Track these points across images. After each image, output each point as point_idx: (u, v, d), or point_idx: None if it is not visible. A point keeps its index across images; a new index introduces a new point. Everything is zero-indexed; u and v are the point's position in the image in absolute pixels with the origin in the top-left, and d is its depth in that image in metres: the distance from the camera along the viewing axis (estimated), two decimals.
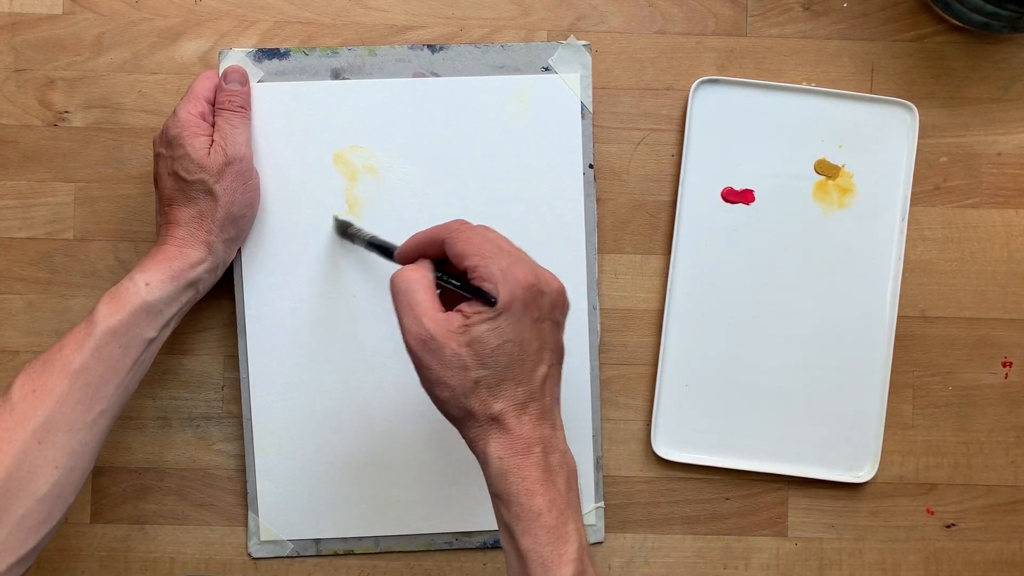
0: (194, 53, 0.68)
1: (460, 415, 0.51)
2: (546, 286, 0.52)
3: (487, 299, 0.50)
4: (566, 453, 0.52)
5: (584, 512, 0.67)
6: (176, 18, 0.68)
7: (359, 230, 0.64)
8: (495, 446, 0.51)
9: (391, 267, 0.66)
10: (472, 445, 0.52)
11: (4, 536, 0.52)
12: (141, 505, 0.69)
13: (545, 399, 0.52)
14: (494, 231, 0.54)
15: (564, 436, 0.53)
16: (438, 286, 0.53)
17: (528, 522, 0.49)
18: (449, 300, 0.53)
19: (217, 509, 0.69)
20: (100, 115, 0.68)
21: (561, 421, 0.53)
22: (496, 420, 0.51)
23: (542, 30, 0.69)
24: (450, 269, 0.53)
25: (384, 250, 0.60)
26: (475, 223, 0.55)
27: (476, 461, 0.52)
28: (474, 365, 0.50)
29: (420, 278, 0.52)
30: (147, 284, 0.58)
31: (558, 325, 0.53)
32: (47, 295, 0.68)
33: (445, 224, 0.54)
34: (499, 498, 0.51)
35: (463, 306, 0.51)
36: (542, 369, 0.52)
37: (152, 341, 0.59)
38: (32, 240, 0.68)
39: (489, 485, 0.51)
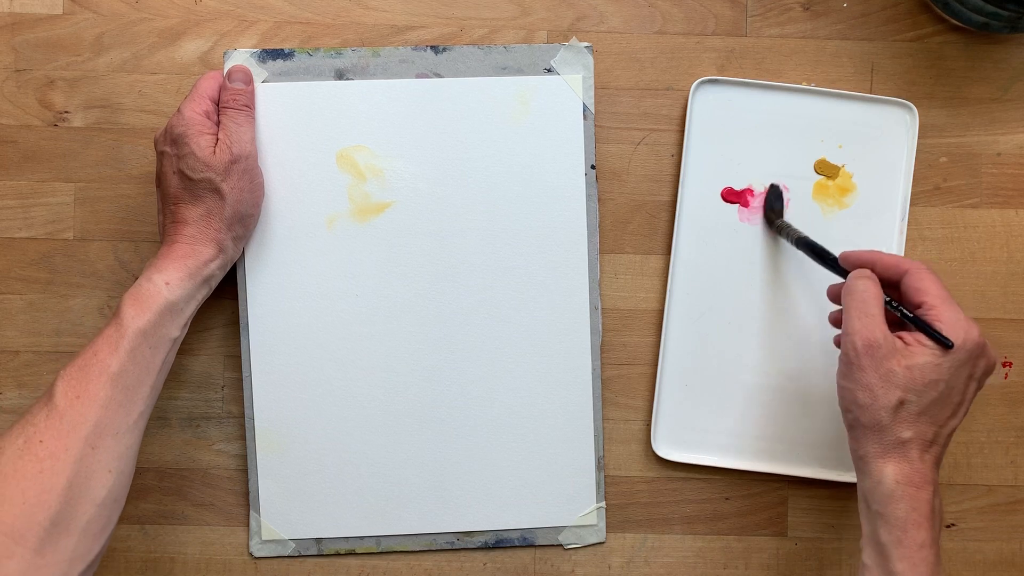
0: (194, 53, 0.68)
1: (869, 425, 0.54)
2: (988, 352, 0.55)
3: (942, 340, 0.53)
4: (942, 504, 0.56)
5: (586, 512, 0.68)
6: (176, 18, 0.68)
7: (788, 226, 0.66)
8: (894, 469, 0.53)
9: (392, 267, 0.66)
10: (864, 458, 0.55)
11: (74, 543, 0.52)
12: (141, 505, 0.69)
13: (943, 449, 0.55)
14: (938, 280, 0.57)
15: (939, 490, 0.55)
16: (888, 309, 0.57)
17: (910, 550, 0.52)
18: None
19: (217, 509, 0.69)
20: (100, 115, 0.68)
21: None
22: (903, 445, 0.54)
23: (542, 30, 0.69)
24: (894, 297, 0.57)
25: (816, 251, 0.62)
26: (481, 225, 0.55)
27: (477, 461, 0.51)
28: (905, 386, 0.53)
29: (879, 293, 0.56)
30: (167, 283, 0.59)
31: (980, 388, 0.56)
32: (47, 295, 0.68)
33: (906, 259, 0.58)
34: (883, 518, 0.53)
35: (904, 335, 0.55)
36: (954, 422, 0.55)
37: (175, 340, 0.60)
38: (32, 240, 0.68)
39: (871, 501, 0.54)
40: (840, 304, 0.59)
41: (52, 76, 0.68)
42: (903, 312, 0.56)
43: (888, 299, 0.56)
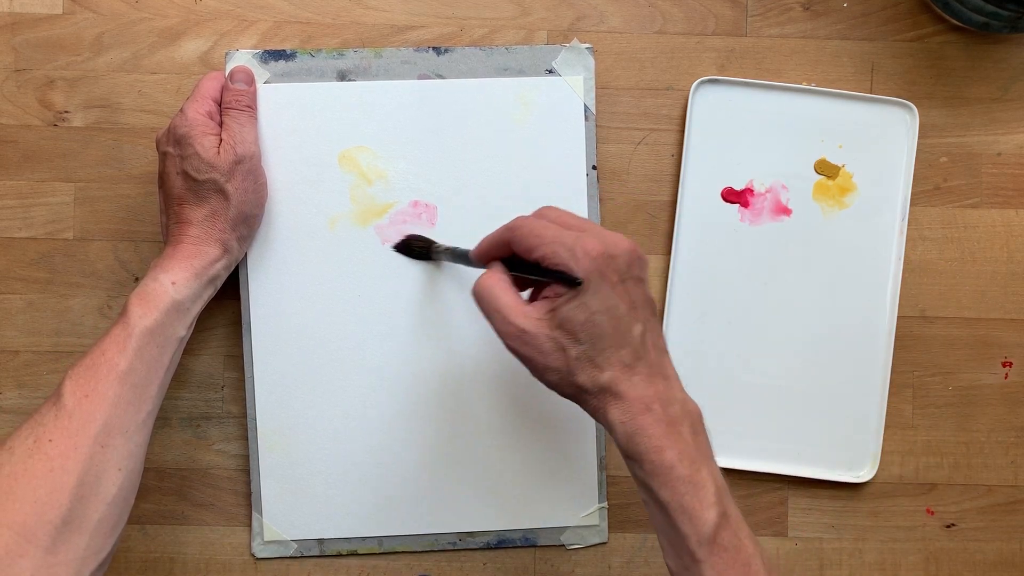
0: (194, 53, 0.68)
1: (574, 392, 0.52)
2: (615, 248, 0.52)
3: (572, 281, 0.50)
4: (685, 401, 0.53)
5: (588, 512, 0.68)
6: (176, 18, 0.68)
7: (439, 246, 0.65)
8: (615, 412, 0.51)
9: (394, 267, 0.66)
10: (595, 417, 0.53)
11: (86, 542, 0.52)
12: (141, 505, 0.69)
13: (649, 355, 0.52)
14: (553, 209, 0.55)
15: (680, 385, 0.54)
16: (521, 283, 0.55)
17: (663, 476, 0.50)
18: (539, 292, 0.54)
19: (217, 509, 0.69)
20: (100, 115, 0.68)
21: (674, 370, 0.54)
22: (608, 389, 0.51)
23: (542, 30, 0.69)
24: (523, 262, 0.54)
25: (465, 258, 0.60)
26: (482, 226, 0.54)
27: (479, 461, 0.51)
28: (570, 344, 0.51)
29: (497, 281, 0.54)
30: (173, 283, 0.59)
31: (640, 280, 0.53)
32: (47, 295, 0.68)
33: (506, 225, 0.55)
34: (631, 459, 0.52)
35: (547, 291, 0.53)
36: (638, 328, 0.52)
37: (181, 340, 0.60)
38: (32, 240, 0.68)
39: (620, 449, 0.52)
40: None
41: (52, 76, 0.68)
42: (532, 276, 0.53)
43: (515, 265, 0.54)
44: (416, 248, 0.67)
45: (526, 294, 0.56)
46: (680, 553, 0.51)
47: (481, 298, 0.54)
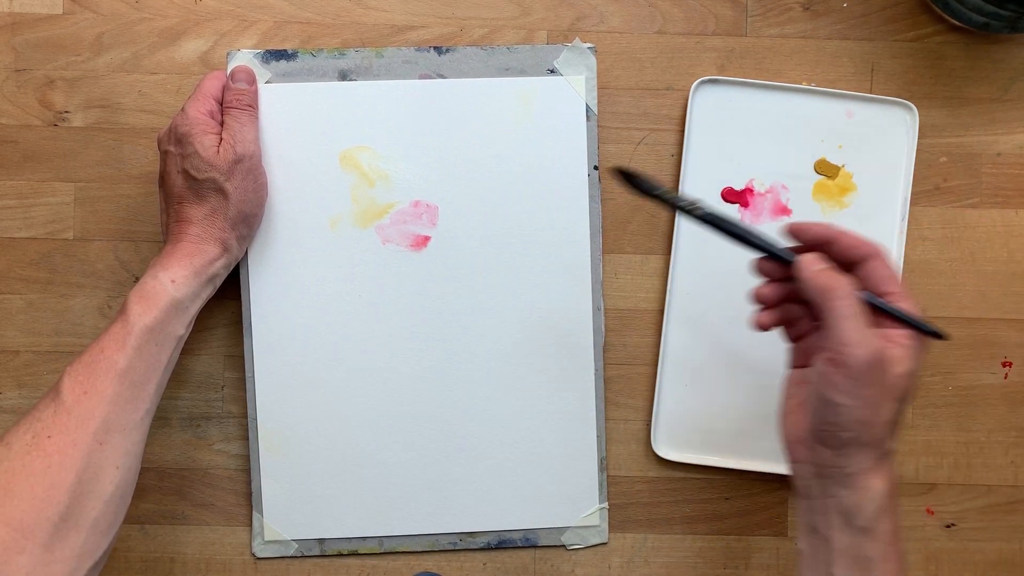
0: (194, 53, 0.68)
1: (866, 440, 0.49)
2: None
3: (938, 334, 0.48)
4: None
5: (588, 513, 0.68)
6: (176, 18, 0.68)
7: (692, 203, 0.53)
8: (881, 483, 0.49)
9: (394, 267, 0.66)
10: (852, 474, 0.49)
11: (83, 539, 0.52)
12: (141, 505, 0.69)
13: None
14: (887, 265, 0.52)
15: None
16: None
17: (894, 562, 0.49)
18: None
19: (217, 509, 0.69)
20: (100, 115, 0.68)
21: None
22: (887, 457, 0.50)
23: (542, 30, 0.69)
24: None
25: (729, 231, 0.53)
26: (483, 225, 0.53)
27: (480, 461, 0.50)
28: (900, 397, 0.49)
29: (850, 287, 0.49)
30: (173, 281, 0.59)
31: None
32: (47, 295, 0.68)
33: (870, 242, 0.51)
34: (870, 533, 0.49)
35: (890, 332, 0.50)
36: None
37: (180, 338, 0.60)
38: (32, 240, 0.68)
39: (855, 517, 0.49)
40: (773, 279, 0.54)
41: (52, 76, 0.68)
42: (889, 310, 0.50)
43: (869, 296, 0.50)
44: (637, 183, 0.55)
45: None
46: None
47: (849, 301, 0.48)
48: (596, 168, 0.67)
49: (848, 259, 0.51)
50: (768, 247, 0.52)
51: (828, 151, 0.69)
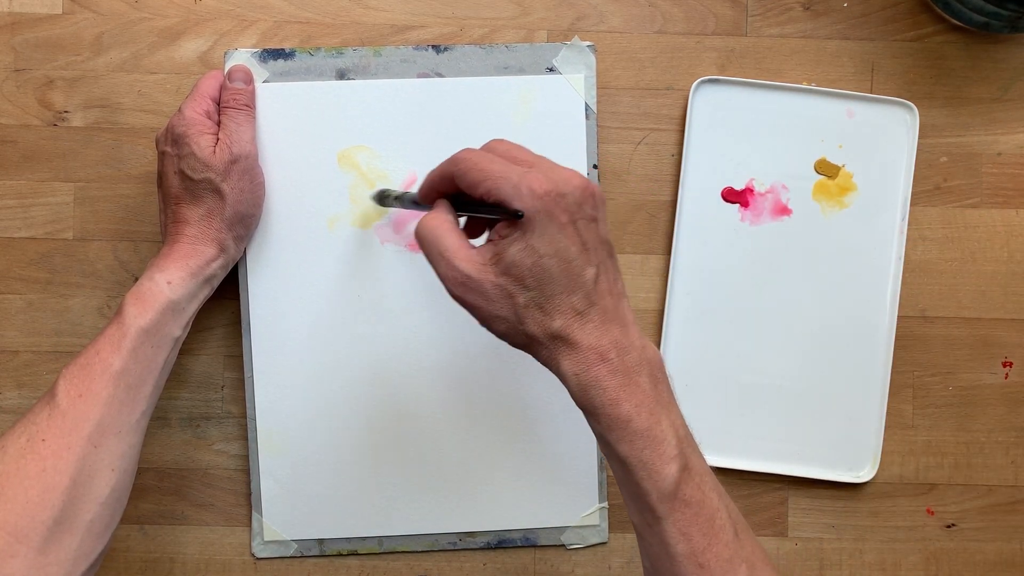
0: (194, 53, 0.68)
1: (525, 342, 0.49)
2: (565, 185, 0.48)
3: (512, 215, 0.47)
4: (644, 348, 0.49)
5: (588, 512, 0.68)
6: (176, 18, 0.68)
7: (395, 192, 0.61)
8: (567, 363, 0.48)
9: (393, 267, 0.66)
10: (549, 368, 0.50)
11: (77, 542, 0.52)
12: (141, 505, 0.69)
13: (604, 300, 0.49)
14: (503, 142, 0.51)
15: (638, 330, 0.50)
16: (473, 227, 0.51)
17: (620, 431, 0.47)
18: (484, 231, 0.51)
19: (217, 509, 0.69)
20: (100, 115, 0.68)
21: (632, 315, 0.50)
22: (559, 337, 0.48)
23: (542, 30, 0.69)
24: (469, 199, 0.50)
25: (414, 202, 0.56)
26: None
27: (480, 461, 0.50)
28: (517, 290, 0.48)
29: (442, 222, 0.50)
30: (169, 283, 0.59)
31: (594, 220, 0.49)
32: (47, 295, 0.68)
33: (450, 158, 0.51)
34: (587, 412, 0.49)
35: (492, 233, 0.49)
36: (590, 271, 0.48)
37: (177, 340, 0.60)
38: (32, 240, 0.68)
39: (574, 401, 0.49)
40: None
41: (52, 76, 0.68)
42: (477, 214, 0.50)
43: (457, 208, 0.51)
44: (378, 197, 0.63)
45: (481, 240, 0.53)
46: (642, 509, 0.48)
47: (424, 240, 0.50)
48: (596, 167, 0.67)
49: (453, 185, 0.51)
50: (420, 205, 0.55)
51: (828, 151, 0.69)
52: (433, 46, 0.67)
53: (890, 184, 0.69)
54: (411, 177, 0.67)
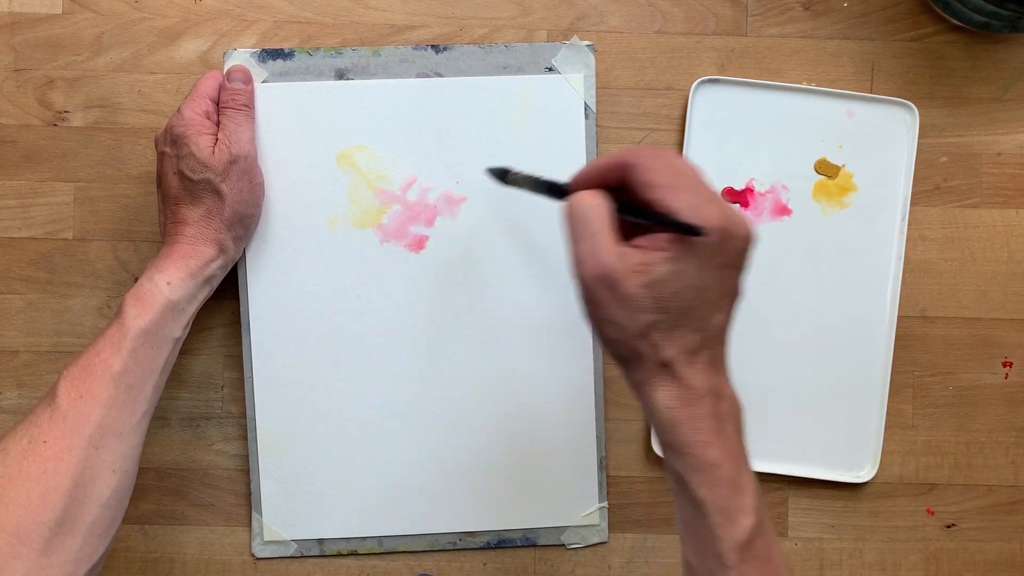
0: (194, 53, 0.68)
1: (628, 355, 0.48)
2: (737, 228, 0.47)
3: (692, 230, 0.45)
4: (734, 399, 0.50)
5: (588, 512, 0.68)
6: (176, 18, 0.68)
7: (519, 173, 0.58)
8: (663, 395, 0.48)
9: (393, 267, 0.66)
10: (636, 388, 0.49)
11: (79, 544, 0.52)
12: (140, 505, 0.69)
13: (717, 346, 0.49)
14: (681, 159, 0.49)
15: (731, 381, 0.50)
16: (620, 219, 0.49)
17: (705, 474, 0.47)
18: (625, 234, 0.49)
19: (217, 509, 0.69)
20: (100, 115, 0.68)
21: (728, 367, 0.50)
22: (666, 366, 0.47)
23: (542, 30, 0.69)
24: (626, 198, 0.49)
25: (552, 189, 0.54)
26: (482, 225, 0.51)
27: (479, 461, 0.50)
28: (650, 308, 0.46)
29: (598, 205, 0.48)
30: (168, 283, 0.59)
31: (739, 270, 0.49)
32: (47, 295, 0.68)
33: (630, 148, 0.50)
34: (670, 448, 0.48)
35: (642, 240, 0.47)
36: (719, 317, 0.48)
37: (177, 340, 0.60)
38: (32, 240, 0.68)
39: (657, 432, 0.49)
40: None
41: (52, 76, 0.68)
42: (636, 214, 0.48)
43: (618, 206, 0.49)
44: (498, 174, 0.60)
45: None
46: (706, 554, 0.48)
47: (575, 216, 0.48)
48: None
49: (619, 180, 0.49)
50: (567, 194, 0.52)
51: (828, 151, 0.69)
52: (432, 46, 0.67)
53: (890, 184, 0.69)
54: (411, 178, 0.67)
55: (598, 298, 0.47)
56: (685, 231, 0.46)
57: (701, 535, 0.48)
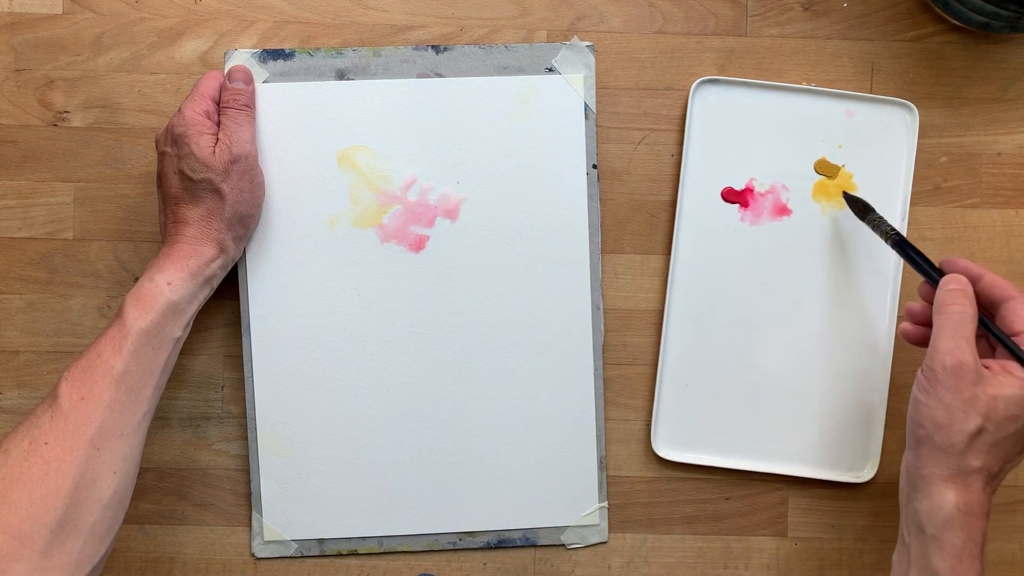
0: (194, 53, 0.68)
1: (942, 446, 0.52)
2: None
3: None
4: (987, 526, 0.54)
5: (588, 512, 0.68)
6: (176, 18, 0.68)
7: (882, 220, 0.64)
8: (957, 496, 0.52)
9: (393, 267, 0.66)
10: (925, 476, 0.53)
11: (80, 545, 0.52)
12: (140, 505, 0.69)
13: (1001, 480, 0.54)
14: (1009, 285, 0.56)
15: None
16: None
17: (957, 560, 0.51)
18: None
19: (217, 509, 0.69)
20: (100, 115, 0.68)
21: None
22: (970, 474, 0.52)
23: (542, 30, 0.69)
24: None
25: (909, 251, 0.60)
26: (482, 225, 0.53)
27: (479, 461, 0.50)
28: (986, 415, 0.51)
29: (975, 315, 0.54)
30: (169, 283, 0.59)
31: None
32: (47, 295, 0.68)
33: (1011, 285, 0.56)
34: (938, 543, 0.52)
35: (991, 363, 0.53)
36: (1020, 459, 0.54)
37: (178, 340, 0.60)
38: (32, 240, 0.68)
39: (926, 524, 0.53)
40: (928, 302, 0.59)
41: (52, 76, 0.68)
42: (999, 336, 0.54)
43: (983, 319, 0.55)
44: (860, 208, 0.66)
45: None
46: None
47: (955, 319, 0.54)
48: (595, 167, 0.67)
49: (992, 298, 0.56)
50: (929, 270, 0.59)
51: (828, 151, 0.69)
52: (433, 46, 0.67)
53: (890, 184, 0.69)
54: (411, 178, 0.67)
55: (948, 384, 0.52)
56: None
57: None
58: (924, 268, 0.59)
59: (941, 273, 0.58)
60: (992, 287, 0.56)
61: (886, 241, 0.62)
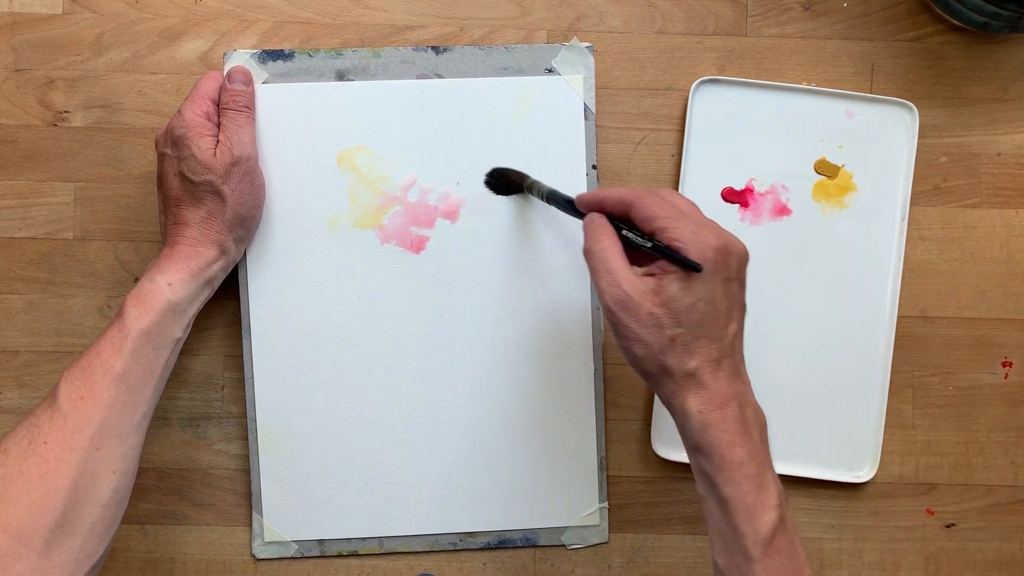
0: (194, 53, 0.68)
1: (656, 371, 0.53)
2: (733, 247, 0.54)
3: (690, 265, 0.51)
4: (757, 408, 0.54)
5: (588, 512, 0.68)
6: (176, 18, 0.68)
7: (536, 182, 0.64)
8: (694, 401, 0.52)
9: (393, 267, 0.66)
10: (669, 400, 0.54)
11: (80, 545, 0.52)
12: (141, 505, 0.69)
13: (736, 355, 0.54)
14: (678, 195, 0.56)
15: (752, 391, 0.55)
16: (627, 247, 0.55)
17: (731, 472, 0.51)
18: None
19: (217, 509, 0.69)
20: (100, 115, 0.68)
21: (748, 377, 0.55)
22: (692, 376, 0.52)
23: (542, 30, 0.69)
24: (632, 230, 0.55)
25: (563, 203, 0.61)
26: (481, 225, 0.54)
27: (480, 461, 0.50)
28: (669, 323, 0.51)
29: (612, 245, 0.54)
30: (169, 284, 0.59)
31: (743, 284, 0.55)
32: (47, 295, 0.68)
33: (629, 190, 0.55)
34: (699, 450, 0.52)
35: (654, 267, 0.53)
36: (733, 327, 0.54)
37: (178, 341, 0.60)
38: (32, 240, 0.68)
39: (688, 438, 0.53)
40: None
41: (52, 76, 0.68)
42: (642, 245, 0.54)
43: (626, 235, 0.54)
44: (506, 181, 0.66)
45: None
46: (733, 551, 0.51)
47: (595, 256, 0.54)
48: (595, 167, 0.67)
49: (620, 212, 0.55)
50: (575, 209, 0.59)
51: (828, 151, 0.69)
52: (432, 47, 0.67)
53: (890, 184, 0.69)
54: (411, 179, 0.67)
55: (624, 321, 0.52)
56: (688, 266, 0.51)
57: (727, 533, 0.52)
58: (573, 211, 0.60)
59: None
60: (614, 205, 0.56)
61: (549, 201, 0.63)
